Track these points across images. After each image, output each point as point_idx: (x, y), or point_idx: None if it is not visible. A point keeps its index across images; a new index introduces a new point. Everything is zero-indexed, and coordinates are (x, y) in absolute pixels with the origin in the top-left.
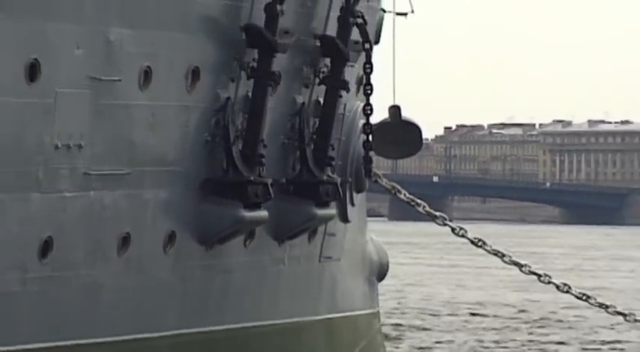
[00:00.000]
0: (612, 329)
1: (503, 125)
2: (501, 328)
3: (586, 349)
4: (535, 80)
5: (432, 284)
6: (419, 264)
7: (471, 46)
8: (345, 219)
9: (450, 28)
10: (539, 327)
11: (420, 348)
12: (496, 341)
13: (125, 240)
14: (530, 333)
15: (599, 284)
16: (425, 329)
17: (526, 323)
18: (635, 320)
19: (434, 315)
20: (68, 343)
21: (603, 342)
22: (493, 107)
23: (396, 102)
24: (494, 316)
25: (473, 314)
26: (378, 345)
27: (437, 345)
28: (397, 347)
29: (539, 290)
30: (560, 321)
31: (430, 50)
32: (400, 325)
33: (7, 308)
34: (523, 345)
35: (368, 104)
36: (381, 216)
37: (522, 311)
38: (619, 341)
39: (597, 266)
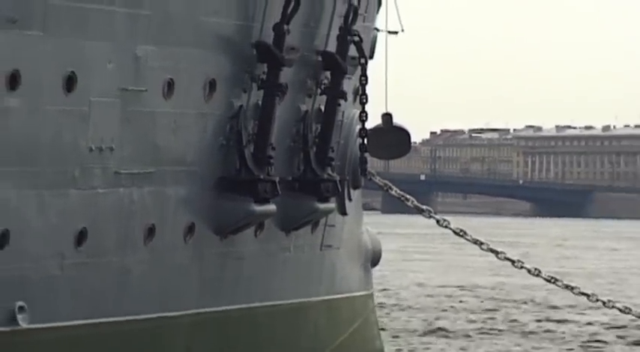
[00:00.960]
0: (576, 307)
1: (482, 130)
2: (479, 306)
3: (549, 320)
4: (509, 89)
5: (418, 268)
6: (407, 252)
7: (454, 60)
8: (343, 212)
9: (437, 46)
10: (512, 305)
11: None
12: (482, 313)
13: (150, 231)
14: (502, 308)
15: (566, 269)
16: (411, 307)
17: (501, 301)
18: (597, 300)
19: (421, 296)
20: (101, 320)
21: (567, 321)
22: (473, 114)
23: (388, 110)
24: (475, 296)
25: (454, 295)
26: (372, 322)
27: (423, 322)
28: (390, 321)
29: (514, 274)
30: (532, 301)
31: (417, 63)
32: (394, 305)
33: (48, 290)
34: (502, 321)
35: (363, 112)
36: (375, 209)
37: (499, 291)
38: (582, 320)
39: (564, 254)
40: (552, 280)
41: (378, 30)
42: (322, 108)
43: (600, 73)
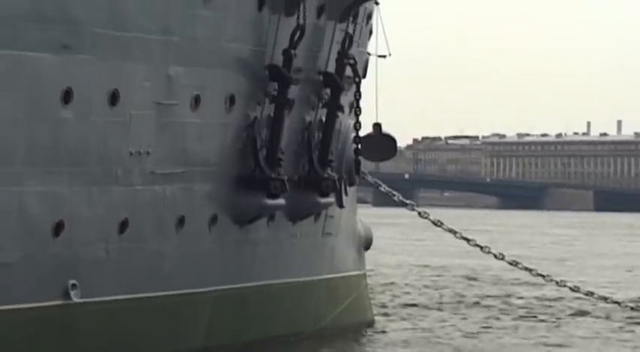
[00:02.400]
0: (533, 285)
1: (456, 137)
2: (453, 283)
3: (510, 296)
4: (479, 103)
5: (401, 252)
6: (393, 238)
7: (433, 79)
8: (340, 205)
9: (419, 67)
10: (479, 284)
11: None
12: (454, 290)
13: (180, 221)
14: (472, 286)
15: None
16: (396, 283)
17: (471, 280)
18: (551, 280)
19: (405, 275)
20: (139, 295)
21: (524, 297)
22: (448, 124)
23: (378, 120)
24: (447, 275)
25: (432, 274)
26: (364, 297)
27: (406, 296)
28: (379, 295)
29: (481, 258)
30: (498, 280)
31: (402, 82)
32: (384, 283)
33: (96, 270)
34: (471, 297)
35: (357, 122)
36: (367, 202)
37: (470, 272)
38: (537, 296)
39: (525, 240)
40: (514, 263)
41: (369, 54)
42: (323, 119)
43: (554, 88)
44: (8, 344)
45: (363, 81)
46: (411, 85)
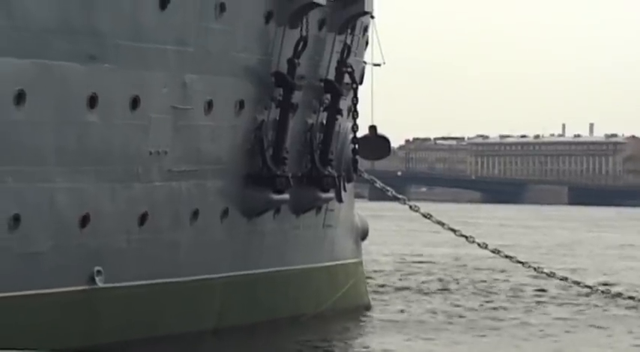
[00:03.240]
0: (512, 272)
1: (444, 138)
2: (439, 269)
3: (493, 280)
4: (465, 108)
5: (394, 242)
6: (387, 229)
7: (424, 86)
8: (340, 199)
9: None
10: (465, 270)
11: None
12: (442, 276)
13: (195, 214)
14: (460, 270)
15: (506, 242)
16: (389, 270)
17: (458, 266)
18: (530, 267)
19: (397, 262)
20: (157, 281)
21: (504, 280)
22: (437, 126)
23: (374, 123)
24: (436, 263)
25: (422, 261)
26: (361, 283)
27: (398, 281)
28: (374, 280)
29: (467, 247)
30: (481, 267)
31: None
32: (377, 270)
33: (118, 258)
34: (456, 281)
35: (355, 124)
36: (364, 197)
37: (456, 259)
38: (517, 281)
39: (506, 232)
40: (496, 251)
41: (365, 63)
42: (324, 121)
43: (532, 93)
44: (40, 324)
45: (359, 87)
46: (404, 90)
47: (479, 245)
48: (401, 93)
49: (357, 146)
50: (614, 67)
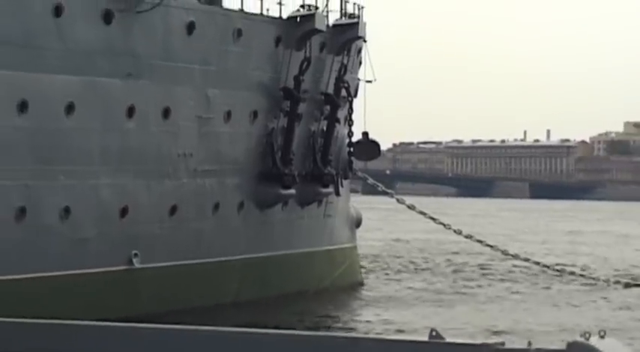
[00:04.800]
0: (482, 254)
1: (425, 142)
2: (422, 253)
3: (466, 264)
4: (443, 117)
5: (383, 229)
6: (378, 219)
7: (408, 98)
8: (337, 194)
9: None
10: (444, 253)
11: (377, 265)
12: (424, 258)
13: (216, 206)
14: (438, 253)
15: (478, 230)
16: (379, 253)
17: (438, 247)
18: (497, 250)
19: (385, 246)
20: (184, 262)
21: (479, 264)
22: (420, 131)
23: (366, 129)
24: (418, 246)
25: (406, 245)
26: (356, 263)
27: (386, 262)
28: (368, 260)
29: (445, 233)
30: (457, 250)
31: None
32: (369, 253)
33: (152, 243)
34: (437, 263)
35: (350, 131)
36: (357, 192)
37: (436, 244)
38: (486, 262)
39: (477, 221)
40: (468, 236)
41: (359, 79)
42: (324, 128)
43: (498, 104)
44: (86, 298)
45: (354, 100)
46: (391, 102)
47: (454, 231)
48: (389, 105)
49: (352, 149)
50: (567, 82)
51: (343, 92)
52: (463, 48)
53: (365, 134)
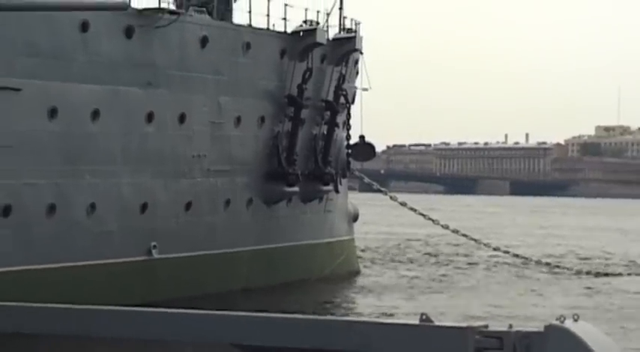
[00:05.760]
0: (468, 246)
1: (416, 144)
2: (413, 243)
3: (455, 254)
4: (431, 122)
5: (378, 223)
6: (373, 214)
7: (400, 105)
8: (337, 191)
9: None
10: (432, 244)
11: (374, 256)
12: (415, 249)
13: (227, 202)
14: (428, 245)
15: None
16: (374, 245)
17: (429, 240)
18: (486, 245)
19: (380, 239)
20: (198, 253)
21: (464, 254)
22: (411, 135)
23: (363, 133)
24: (409, 239)
25: (398, 238)
26: (353, 254)
27: (381, 253)
28: (364, 251)
29: (435, 229)
30: (446, 243)
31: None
32: (365, 246)
33: (170, 236)
34: (427, 254)
35: (348, 134)
36: (355, 189)
37: (428, 236)
38: (471, 253)
39: (463, 216)
40: (455, 231)
41: (356, 87)
42: (325, 132)
43: (482, 110)
44: (109, 286)
45: (352, 106)
46: (385, 108)
47: (442, 226)
48: (383, 111)
49: (349, 150)
50: (544, 90)
51: (342, 99)
52: (451, 60)
53: (361, 137)
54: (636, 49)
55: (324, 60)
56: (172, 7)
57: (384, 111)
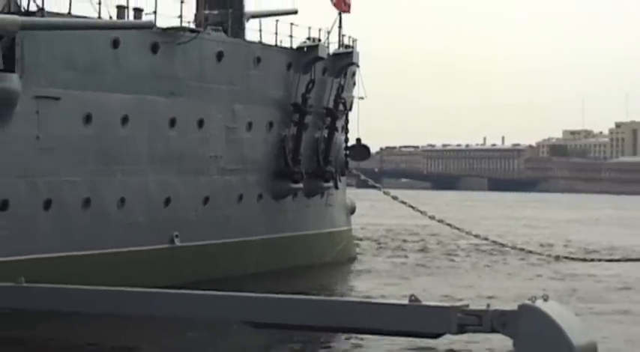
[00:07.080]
0: (452, 235)
1: (405, 146)
2: (404, 233)
3: (441, 243)
4: (419, 125)
5: (373, 215)
6: (368, 207)
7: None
8: (336, 187)
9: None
10: (422, 235)
11: (370, 245)
12: (405, 238)
13: (240, 197)
14: (416, 234)
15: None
16: (370, 235)
17: (417, 230)
18: (467, 233)
19: (376, 230)
20: (215, 241)
21: (451, 243)
22: (401, 138)
23: (359, 136)
24: (400, 229)
25: (390, 228)
26: (351, 243)
27: (375, 241)
28: (360, 241)
29: (423, 219)
30: (432, 233)
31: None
32: (363, 236)
33: (190, 226)
34: (418, 244)
35: (346, 137)
36: (352, 186)
37: (416, 226)
38: (455, 241)
39: (447, 208)
40: (441, 221)
41: (353, 96)
42: (326, 136)
43: (463, 115)
44: (137, 271)
45: (349, 112)
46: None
47: (429, 217)
48: (377, 116)
49: (347, 152)
50: (518, 97)
51: (341, 107)
52: (434, 69)
53: (358, 140)
54: (599, 59)
55: (325, 72)
56: (192, 26)
57: (378, 117)
